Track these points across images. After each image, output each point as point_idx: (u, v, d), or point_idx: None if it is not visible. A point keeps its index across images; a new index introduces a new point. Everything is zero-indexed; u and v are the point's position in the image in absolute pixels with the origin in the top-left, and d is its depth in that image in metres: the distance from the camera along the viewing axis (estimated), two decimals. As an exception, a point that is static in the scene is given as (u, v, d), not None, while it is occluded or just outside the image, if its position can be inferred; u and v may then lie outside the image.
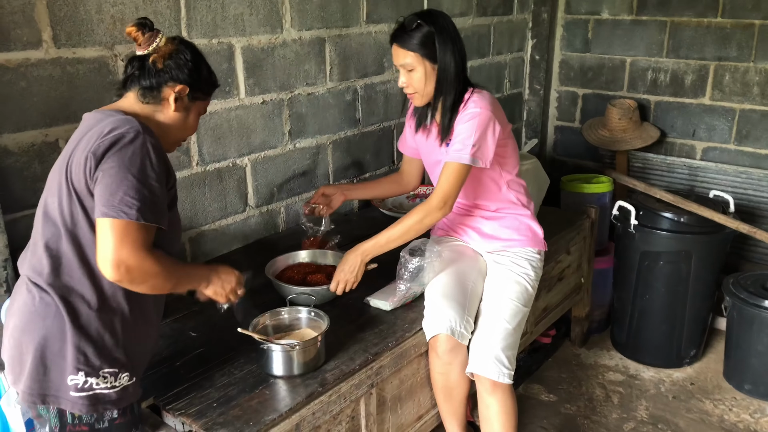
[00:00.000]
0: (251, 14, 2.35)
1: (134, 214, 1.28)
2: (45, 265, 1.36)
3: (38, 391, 1.36)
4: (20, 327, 1.38)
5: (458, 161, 1.93)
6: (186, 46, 1.50)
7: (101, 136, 1.33)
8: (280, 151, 2.59)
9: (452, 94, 1.97)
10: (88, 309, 1.36)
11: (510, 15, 3.78)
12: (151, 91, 1.46)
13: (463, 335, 1.89)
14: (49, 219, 1.38)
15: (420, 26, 1.92)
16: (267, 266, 2.08)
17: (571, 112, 4.15)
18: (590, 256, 2.90)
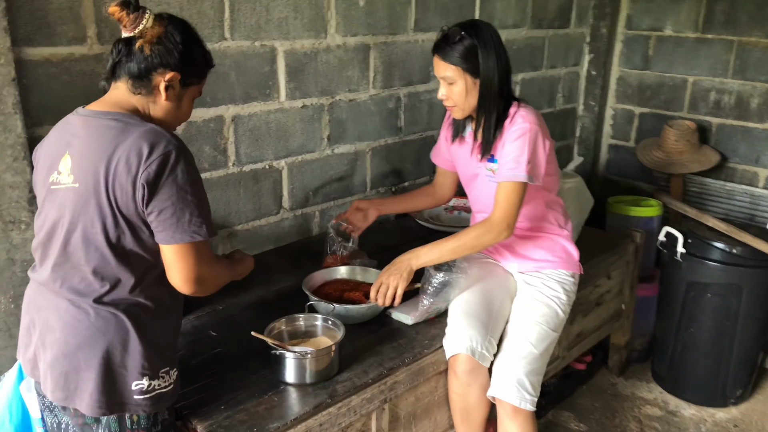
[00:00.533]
0: (296, 18, 2.35)
1: (205, 233, 1.34)
2: (96, 288, 1.34)
3: (107, 402, 1.35)
4: (75, 343, 1.35)
5: (514, 180, 1.85)
6: (176, 27, 1.40)
7: (144, 159, 1.27)
8: (318, 155, 2.58)
9: (495, 110, 1.91)
10: (146, 317, 1.38)
11: (566, 28, 3.68)
12: (141, 80, 1.37)
13: (484, 356, 1.83)
14: (90, 241, 1.32)
15: (463, 39, 1.87)
16: (305, 281, 2.03)
17: (626, 131, 4.00)
18: (633, 282, 2.78)
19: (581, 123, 4.04)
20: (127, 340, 1.35)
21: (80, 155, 1.33)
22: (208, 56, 1.49)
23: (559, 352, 2.42)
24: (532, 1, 3.36)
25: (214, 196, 2.29)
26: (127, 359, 1.35)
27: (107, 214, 1.30)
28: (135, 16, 1.35)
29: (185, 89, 1.44)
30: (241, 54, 2.23)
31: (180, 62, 1.38)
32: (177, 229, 1.31)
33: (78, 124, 1.37)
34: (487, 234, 1.86)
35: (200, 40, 1.47)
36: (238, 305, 2.08)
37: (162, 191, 1.28)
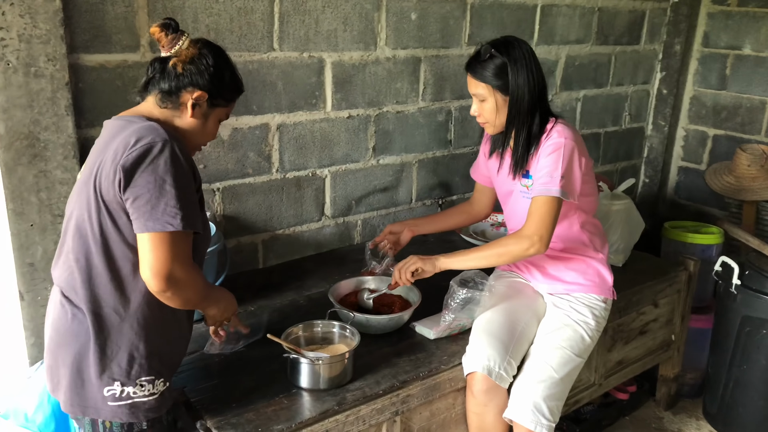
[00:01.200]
0: (345, 30, 2.40)
1: (179, 223, 1.31)
2: (76, 278, 1.38)
3: (78, 402, 1.40)
4: (56, 340, 1.42)
5: (547, 194, 1.82)
6: (210, 50, 1.46)
7: (128, 147, 1.31)
8: (362, 165, 2.62)
9: (525, 127, 1.89)
10: (120, 321, 1.38)
11: (636, 45, 3.56)
12: (170, 96, 1.44)
13: (502, 377, 1.80)
14: (78, 232, 1.38)
15: (493, 57, 1.86)
16: (332, 289, 2.05)
17: (698, 154, 3.82)
18: (685, 312, 2.64)
19: (649, 143, 3.89)
20: (98, 343, 1.37)
21: (91, 153, 1.44)
22: (238, 82, 1.54)
23: (595, 379, 2.34)
24: (597, 17, 3.28)
25: (257, 200, 2.37)
26: (97, 361, 1.37)
27: (93, 202, 1.35)
28: (173, 38, 1.42)
29: (212, 110, 1.49)
30: (288, 64, 2.30)
31: (210, 83, 1.44)
32: (150, 217, 1.30)
33: (103, 128, 1.48)
34: (515, 246, 1.82)
35: (232, 66, 1.52)
36: (269, 307, 2.14)
37: (140, 178, 1.30)
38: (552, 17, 3.07)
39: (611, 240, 2.50)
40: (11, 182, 1.75)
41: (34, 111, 1.74)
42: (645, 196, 3.98)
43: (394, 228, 2.21)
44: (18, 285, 1.83)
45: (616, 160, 3.75)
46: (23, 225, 1.79)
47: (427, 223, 2.27)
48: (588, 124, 3.48)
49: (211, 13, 2.09)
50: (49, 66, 1.73)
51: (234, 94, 1.54)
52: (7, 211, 1.76)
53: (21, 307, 1.85)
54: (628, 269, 2.54)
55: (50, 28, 1.72)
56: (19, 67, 1.69)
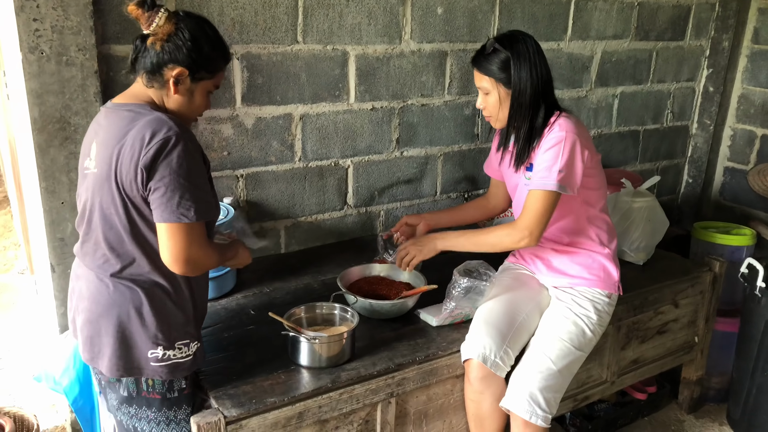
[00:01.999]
0: (369, 24, 2.46)
1: (193, 216, 1.42)
2: (113, 263, 1.49)
3: (124, 366, 1.52)
4: (97, 312, 1.52)
5: (543, 188, 1.84)
6: (187, 24, 1.46)
7: (145, 145, 1.38)
8: (386, 157, 2.68)
9: (527, 120, 1.90)
10: (161, 293, 1.52)
11: (680, 41, 3.47)
12: (154, 75, 1.47)
13: (498, 365, 1.83)
14: (108, 221, 1.47)
15: (496, 51, 1.89)
16: (341, 274, 2.11)
17: (745, 154, 3.69)
18: (709, 314, 2.58)
19: (693, 142, 3.79)
20: (142, 312, 1.50)
21: (101, 144, 1.48)
22: (218, 52, 1.52)
23: (607, 376, 2.32)
24: (637, 12, 3.22)
25: (279, 188, 2.47)
26: (141, 330, 1.51)
27: (117, 197, 1.44)
28: (149, 15, 1.43)
29: (196, 84, 1.51)
30: (312, 57, 2.38)
31: (188, 58, 1.46)
32: (166, 209, 1.40)
33: (103, 115, 1.53)
34: (508, 237, 1.89)
35: (212, 36, 1.51)
36: (283, 289, 2.23)
37: (157, 173, 1.39)
38: (587, 12, 3.04)
39: (632, 238, 2.47)
40: (44, 162, 1.90)
41: (65, 97, 1.88)
42: (688, 197, 3.88)
43: (410, 220, 2.25)
44: (49, 258, 1.98)
45: (657, 159, 3.67)
46: (55, 202, 1.94)
47: (444, 216, 2.30)
48: (626, 121, 3.42)
49: (237, 6, 2.19)
50: (79, 55, 1.87)
51: (217, 64, 1.53)
52: (39, 189, 1.91)
53: (52, 279, 2.00)
54: (649, 267, 2.50)
55: (81, 20, 1.85)
56: (52, 56, 1.83)
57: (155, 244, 1.49)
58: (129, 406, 1.58)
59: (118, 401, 1.59)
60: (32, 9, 1.79)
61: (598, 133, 3.33)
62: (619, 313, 2.21)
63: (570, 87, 3.12)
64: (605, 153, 3.39)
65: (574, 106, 3.15)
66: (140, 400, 1.58)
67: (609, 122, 3.35)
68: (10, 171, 3.64)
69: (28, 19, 1.79)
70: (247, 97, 2.30)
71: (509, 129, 1.98)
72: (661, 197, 3.80)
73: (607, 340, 2.25)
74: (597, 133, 3.32)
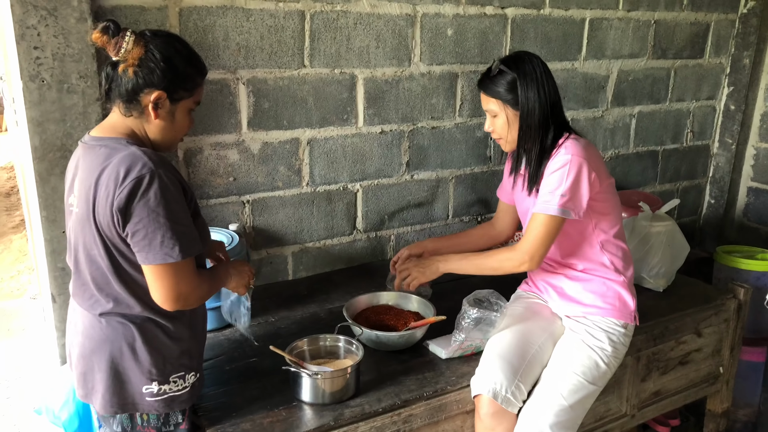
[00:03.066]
0: (377, 47, 2.42)
1: (177, 254, 1.37)
2: (102, 303, 1.46)
3: (117, 402, 1.48)
4: (90, 348, 1.48)
5: (545, 212, 1.80)
6: (156, 44, 1.40)
7: (119, 185, 1.33)
8: (396, 180, 2.62)
9: (537, 142, 1.84)
10: (153, 328, 1.48)
11: (699, 58, 3.38)
12: (131, 102, 1.42)
13: (510, 401, 1.74)
14: (93, 262, 1.44)
15: (503, 73, 1.84)
16: (348, 303, 2.05)
17: (770, 174, 3.58)
18: (734, 344, 2.46)
19: (715, 162, 3.68)
20: (135, 347, 1.46)
21: (80, 181, 1.43)
22: (193, 67, 1.46)
23: (627, 409, 2.22)
24: (654, 30, 3.14)
25: (287, 213, 2.42)
26: (134, 365, 1.46)
27: (97, 238, 1.40)
28: (116, 40, 1.37)
29: (176, 104, 1.46)
30: (319, 80, 2.34)
31: (164, 80, 1.40)
32: (150, 251, 1.36)
33: (81, 151, 1.47)
34: (508, 261, 1.87)
35: (184, 52, 1.45)
36: (289, 319, 2.17)
37: (134, 215, 1.34)
38: (602, 31, 2.97)
39: (651, 263, 2.37)
40: (44, 191, 1.87)
41: (66, 125, 1.86)
42: (710, 218, 3.76)
43: (413, 251, 2.16)
44: (50, 288, 1.95)
45: (677, 179, 3.57)
46: (56, 231, 1.91)
47: (446, 244, 2.21)
48: (644, 141, 3.33)
49: (242, 31, 2.16)
50: (80, 83, 1.85)
51: (194, 80, 1.47)
52: (40, 218, 1.88)
53: (53, 309, 1.97)
54: (669, 294, 2.40)
55: (82, 48, 1.83)
56: (53, 83, 1.81)
57: (142, 282, 1.44)
58: None
59: None
60: (33, 37, 1.77)
61: (615, 153, 3.24)
62: (638, 343, 2.12)
63: (586, 107, 3.05)
64: (623, 174, 3.30)
65: (590, 126, 3.08)
66: None
67: (626, 142, 3.26)
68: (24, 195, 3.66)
69: (29, 47, 1.77)
70: (253, 122, 2.27)
71: (519, 151, 1.92)
72: (682, 219, 3.69)
73: (626, 372, 2.15)
74: (614, 153, 3.24)
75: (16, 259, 4.63)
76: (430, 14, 2.50)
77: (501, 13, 2.66)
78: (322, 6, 2.27)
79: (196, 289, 1.45)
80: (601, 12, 2.94)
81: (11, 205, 6.00)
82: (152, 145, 1.49)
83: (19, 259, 4.62)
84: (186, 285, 1.41)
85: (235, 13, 2.13)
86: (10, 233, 5.19)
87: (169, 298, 1.40)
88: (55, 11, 1.77)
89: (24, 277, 4.29)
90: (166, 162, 1.42)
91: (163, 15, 2.01)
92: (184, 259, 1.39)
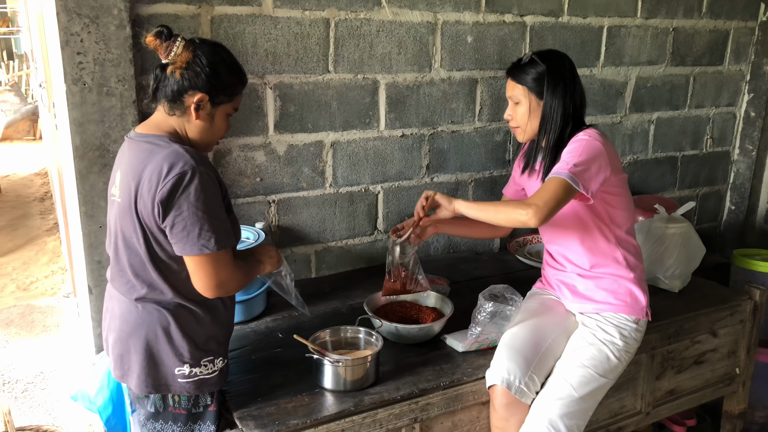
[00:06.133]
0: (399, 53, 2.51)
1: (214, 246, 1.48)
2: (138, 288, 1.56)
3: (151, 382, 1.58)
4: (127, 331, 1.58)
5: (556, 175, 1.78)
6: (204, 51, 1.51)
7: (162, 179, 1.43)
8: (416, 182, 2.70)
9: (556, 134, 1.91)
10: (186, 313, 1.58)
11: (719, 65, 3.42)
12: (175, 102, 1.53)
13: (523, 392, 1.80)
14: (131, 249, 1.54)
15: (533, 62, 1.92)
16: (368, 299, 2.13)
17: (791, 180, 3.59)
18: (750, 345, 2.49)
19: (735, 168, 3.70)
20: (169, 331, 1.56)
21: (124, 174, 1.54)
22: (236, 76, 1.58)
23: (641, 407, 2.26)
24: (672, 37, 3.19)
25: (310, 213, 2.51)
26: (168, 348, 1.57)
27: (138, 226, 1.50)
28: (167, 44, 1.49)
29: (216, 108, 1.57)
30: (343, 86, 2.44)
31: (207, 84, 1.51)
32: (188, 242, 1.47)
33: (126, 145, 1.60)
34: (514, 212, 1.76)
35: (228, 61, 1.57)
36: (312, 313, 2.25)
37: (175, 207, 1.44)
38: (620, 38, 3.03)
39: (666, 264, 2.42)
40: (84, 188, 1.99)
41: (105, 125, 1.97)
42: (730, 224, 3.77)
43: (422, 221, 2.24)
44: (87, 280, 2.06)
45: (696, 185, 3.59)
46: (93, 226, 2.02)
47: (454, 225, 2.29)
48: (663, 147, 3.37)
49: (270, 38, 2.27)
50: (119, 86, 1.96)
51: (235, 87, 1.58)
52: (79, 213, 2.00)
53: (89, 300, 2.08)
54: (685, 295, 2.44)
55: (121, 53, 1.95)
56: (93, 87, 1.93)
57: (175, 270, 1.55)
58: (155, 421, 1.63)
59: (145, 417, 1.64)
60: (76, 43, 1.89)
61: (634, 159, 3.29)
62: (652, 341, 2.17)
63: (604, 113, 3.10)
64: (641, 179, 3.34)
65: (608, 131, 3.13)
66: (166, 415, 1.63)
67: (645, 148, 3.30)
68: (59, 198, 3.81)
69: (72, 53, 1.89)
70: (279, 125, 2.37)
71: (538, 140, 1.98)
72: (702, 224, 3.71)
73: (641, 369, 2.20)
74: (633, 159, 3.28)
75: (51, 260, 4.79)
76: (451, 22, 2.58)
77: (520, 20, 2.74)
78: (346, 14, 2.37)
79: (233, 278, 1.55)
80: (619, 19, 3.00)
81: (45, 209, 6.20)
82: (191, 144, 1.59)
83: (53, 260, 4.79)
84: (224, 274, 1.52)
85: (264, 20, 2.24)
86: (44, 236, 5.37)
87: (209, 286, 1.51)
88: (97, 19, 1.89)
89: (58, 277, 4.44)
90: (205, 160, 1.52)
91: (195, 22, 2.13)
92: (219, 250, 1.49)
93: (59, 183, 3.56)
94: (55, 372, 3.21)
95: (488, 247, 2.96)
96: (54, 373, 3.20)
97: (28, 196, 6.73)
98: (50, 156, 5.01)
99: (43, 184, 7.22)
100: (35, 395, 3.01)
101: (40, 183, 7.29)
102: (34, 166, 8.03)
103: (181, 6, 2.10)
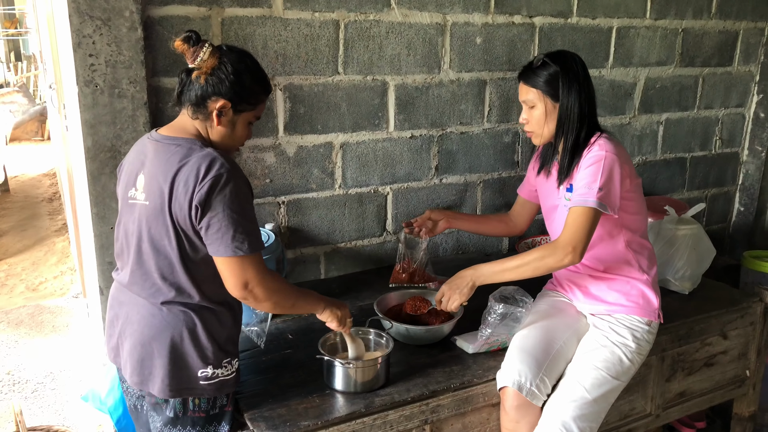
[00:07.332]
0: (408, 55, 2.51)
1: (247, 248, 1.50)
2: (165, 292, 1.55)
3: (175, 386, 1.57)
4: (150, 335, 1.56)
5: (584, 204, 1.80)
6: (229, 58, 1.53)
7: (199, 181, 1.45)
8: (425, 184, 2.70)
9: (573, 135, 1.91)
10: (210, 315, 1.59)
11: (728, 66, 3.41)
12: (198, 107, 1.55)
13: (534, 394, 1.80)
14: (160, 252, 1.54)
15: (546, 65, 1.91)
16: (378, 300, 2.13)
17: (800, 181, 3.57)
18: (761, 347, 2.48)
19: (745, 169, 3.69)
20: (196, 332, 1.56)
21: (150, 176, 1.53)
22: (259, 85, 1.60)
23: (651, 409, 2.26)
24: (681, 38, 3.18)
25: (320, 214, 2.52)
26: (194, 350, 1.56)
27: (171, 229, 1.51)
28: (194, 49, 1.51)
29: (238, 115, 1.58)
30: (352, 87, 2.44)
31: (231, 91, 1.53)
32: (221, 244, 1.48)
33: (150, 147, 1.58)
34: (550, 256, 1.80)
35: (253, 69, 1.58)
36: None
37: (211, 209, 1.46)
38: (629, 39, 3.02)
39: (676, 266, 2.41)
40: (95, 189, 2.00)
41: (116, 127, 1.98)
42: (740, 225, 3.76)
43: (433, 215, 2.29)
44: (98, 281, 2.07)
45: (705, 187, 3.58)
46: (104, 228, 2.03)
47: (465, 220, 2.31)
48: (672, 148, 3.36)
49: (280, 40, 2.27)
50: (130, 88, 1.97)
51: (258, 96, 1.60)
52: (90, 214, 2.01)
53: (100, 301, 2.09)
54: (695, 297, 2.44)
55: (132, 55, 1.95)
56: (105, 88, 1.94)
57: (204, 273, 1.56)
58: (173, 427, 1.61)
59: (162, 423, 1.62)
60: (88, 45, 1.90)
61: (643, 160, 3.28)
62: (663, 343, 2.16)
63: (613, 114, 3.10)
64: (650, 180, 3.33)
65: (617, 132, 3.12)
66: (185, 420, 1.61)
67: (654, 149, 3.30)
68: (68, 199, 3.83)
69: (84, 55, 1.90)
70: (289, 127, 2.37)
71: (555, 143, 1.98)
72: (711, 226, 3.70)
73: (651, 371, 2.19)
74: (642, 159, 3.28)
75: (60, 261, 4.82)
76: (460, 23, 2.58)
77: (529, 22, 2.73)
78: (355, 16, 2.38)
79: (265, 282, 1.54)
80: (628, 20, 2.99)
81: (53, 210, 6.23)
82: (214, 147, 1.57)
83: (62, 261, 4.81)
84: (255, 276, 1.52)
85: (274, 22, 2.25)
86: (53, 236, 5.40)
87: (239, 286, 1.52)
88: (109, 21, 1.90)
89: (67, 278, 4.47)
90: (236, 165, 1.54)
91: (206, 24, 2.14)
92: (251, 253, 1.50)
93: (68, 184, 3.57)
94: (65, 372, 3.22)
95: (497, 248, 2.96)
96: (64, 373, 3.22)
97: (36, 197, 6.77)
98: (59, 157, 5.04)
99: (51, 184, 7.26)
100: (45, 395, 3.03)
101: (49, 183, 7.33)
102: (43, 167, 8.08)
103: (192, 8, 2.11)
